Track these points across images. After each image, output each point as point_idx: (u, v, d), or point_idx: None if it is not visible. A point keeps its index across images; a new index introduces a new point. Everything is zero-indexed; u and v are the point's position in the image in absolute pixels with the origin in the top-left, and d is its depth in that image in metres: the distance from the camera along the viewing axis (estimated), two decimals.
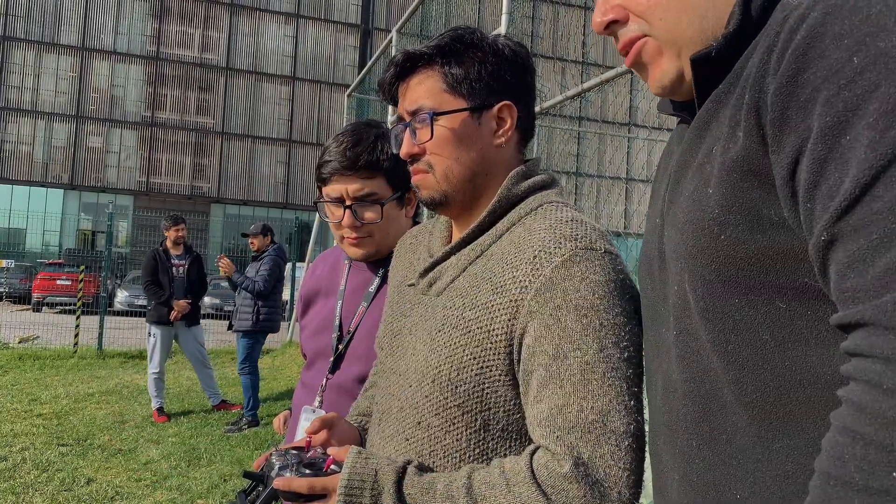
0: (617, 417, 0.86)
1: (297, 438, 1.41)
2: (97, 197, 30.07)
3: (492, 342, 0.95)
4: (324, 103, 32.91)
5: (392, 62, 1.07)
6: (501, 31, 4.42)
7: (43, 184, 29.49)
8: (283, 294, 7.48)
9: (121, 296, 16.04)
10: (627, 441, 0.86)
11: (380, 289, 1.52)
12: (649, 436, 0.85)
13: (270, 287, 6.05)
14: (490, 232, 1.05)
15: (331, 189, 1.46)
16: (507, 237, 1.02)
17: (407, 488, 0.93)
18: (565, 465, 0.85)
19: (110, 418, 5.96)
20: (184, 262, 6.39)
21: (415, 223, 1.56)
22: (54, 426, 5.59)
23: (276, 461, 1.03)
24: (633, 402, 0.88)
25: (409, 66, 1.06)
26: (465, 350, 0.96)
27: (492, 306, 0.96)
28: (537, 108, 4.14)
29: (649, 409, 0.84)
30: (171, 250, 6.38)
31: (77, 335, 9.48)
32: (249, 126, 31.97)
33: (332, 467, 1.00)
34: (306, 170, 32.17)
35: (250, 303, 6.06)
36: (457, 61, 1.03)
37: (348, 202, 1.44)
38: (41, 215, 28.35)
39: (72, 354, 9.24)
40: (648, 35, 0.77)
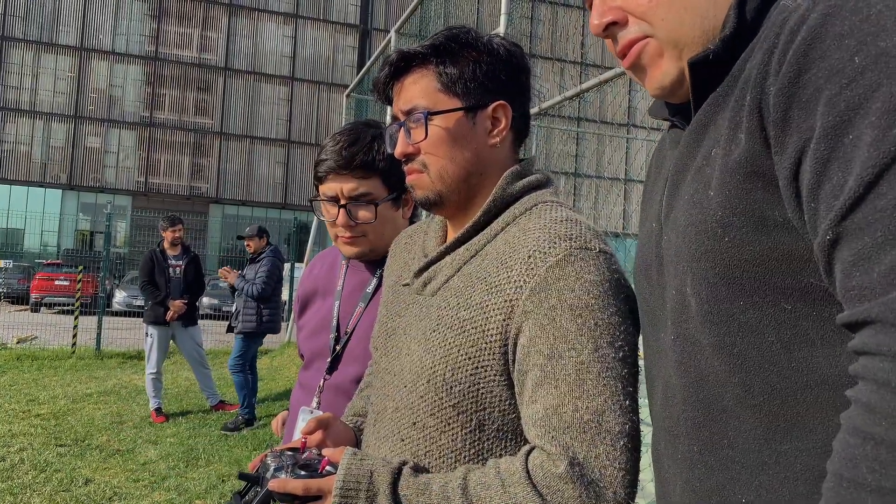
0: (612, 417, 0.86)
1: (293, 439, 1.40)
2: (95, 197, 30.04)
3: (487, 342, 0.94)
4: (322, 104, 32.90)
5: (386, 62, 1.07)
6: (500, 32, 4.42)
7: (41, 184, 29.47)
8: (283, 294, 7.48)
9: (119, 296, 16.02)
10: (623, 441, 0.86)
11: (377, 289, 1.52)
12: (651, 441, 0.84)
13: (270, 289, 6.05)
14: (485, 231, 1.04)
15: (326, 188, 1.46)
16: (501, 237, 1.02)
17: (402, 489, 0.93)
18: (560, 466, 0.85)
19: (108, 419, 5.96)
20: (181, 262, 6.39)
21: (412, 224, 1.56)
22: (52, 426, 5.59)
23: (272, 462, 1.02)
24: (628, 401, 0.88)
25: (403, 65, 1.06)
26: (459, 350, 0.96)
27: (486, 306, 0.95)
28: (536, 109, 4.14)
29: (651, 414, 0.84)
30: (168, 251, 6.38)
31: (75, 335, 9.46)
32: (248, 126, 31.95)
33: (327, 468, 1.00)
34: (305, 170, 32.13)
35: (253, 305, 6.06)
36: (451, 61, 1.03)
37: (343, 201, 1.44)
38: (39, 215, 28.30)
39: (70, 355, 9.23)
40: (650, 36, 0.77)
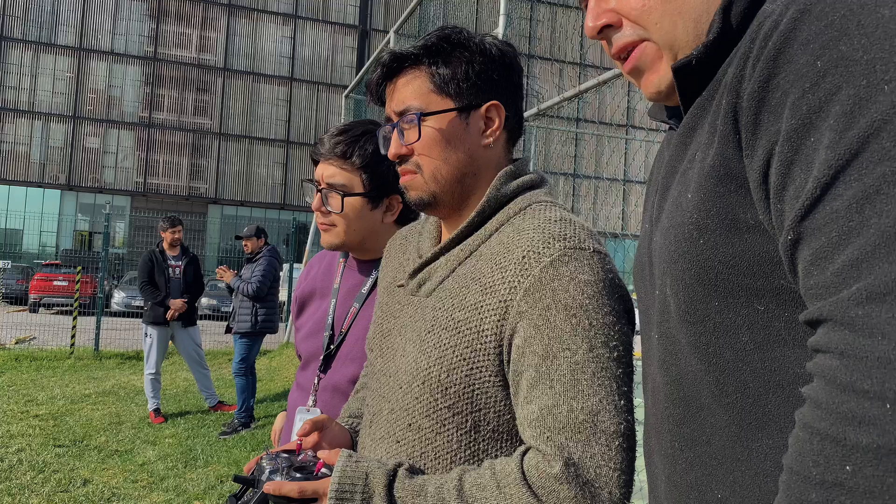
0: (607, 417, 0.86)
1: (291, 440, 1.40)
2: (94, 198, 30.01)
3: (481, 343, 0.94)
4: (321, 104, 32.88)
5: (379, 63, 1.06)
6: (499, 33, 4.42)
7: (40, 184, 29.43)
8: (281, 295, 7.47)
9: (118, 297, 16.01)
10: (618, 441, 0.86)
11: (372, 290, 1.52)
12: (644, 438, 0.85)
13: (265, 289, 6.05)
14: (479, 232, 1.04)
15: (316, 171, 1.53)
16: (495, 237, 1.02)
17: (398, 491, 0.93)
18: (555, 466, 0.85)
19: (107, 419, 5.95)
20: (180, 263, 6.40)
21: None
22: (51, 427, 5.58)
23: (267, 465, 1.02)
24: (623, 401, 0.88)
25: (395, 66, 1.06)
26: (454, 351, 0.96)
27: (481, 307, 0.95)
28: (535, 110, 4.14)
29: (644, 412, 0.85)
30: (167, 251, 6.38)
31: (74, 336, 9.45)
32: (247, 127, 31.92)
33: (322, 470, 1.00)
34: (304, 171, 32.11)
35: (248, 304, 6.06)
36: (444, 61, 1.03)
37: (321, 185, 1.50)
38: (38, 216, 28.31)
39: (68, 355, 9.23)
40: (646, 39, 0.77)
